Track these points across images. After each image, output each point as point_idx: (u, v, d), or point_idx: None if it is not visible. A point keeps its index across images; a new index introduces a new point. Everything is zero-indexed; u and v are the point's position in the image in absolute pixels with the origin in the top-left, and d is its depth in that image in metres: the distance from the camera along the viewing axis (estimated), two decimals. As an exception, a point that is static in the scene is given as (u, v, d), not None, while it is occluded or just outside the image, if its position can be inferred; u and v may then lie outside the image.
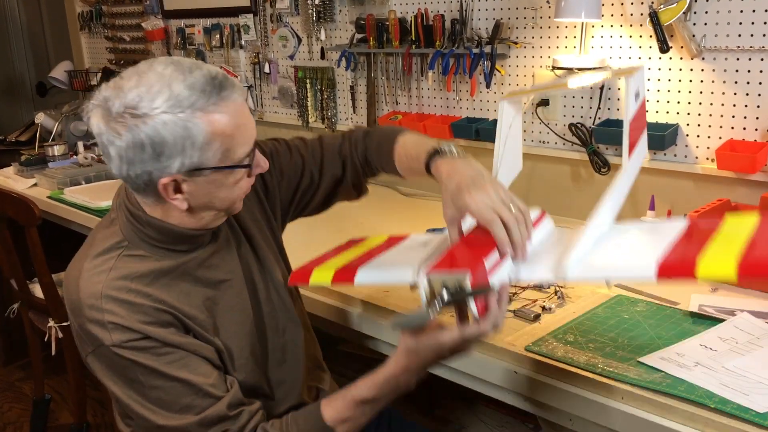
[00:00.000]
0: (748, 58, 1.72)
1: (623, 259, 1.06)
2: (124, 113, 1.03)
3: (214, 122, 1.05)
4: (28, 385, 2.99)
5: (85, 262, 1.14)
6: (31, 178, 2.83)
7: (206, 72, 1.07)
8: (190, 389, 1.12)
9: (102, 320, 1.09)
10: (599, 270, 1.05)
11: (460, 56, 2.23)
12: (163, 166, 1.06)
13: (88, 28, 4.02)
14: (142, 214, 1.15)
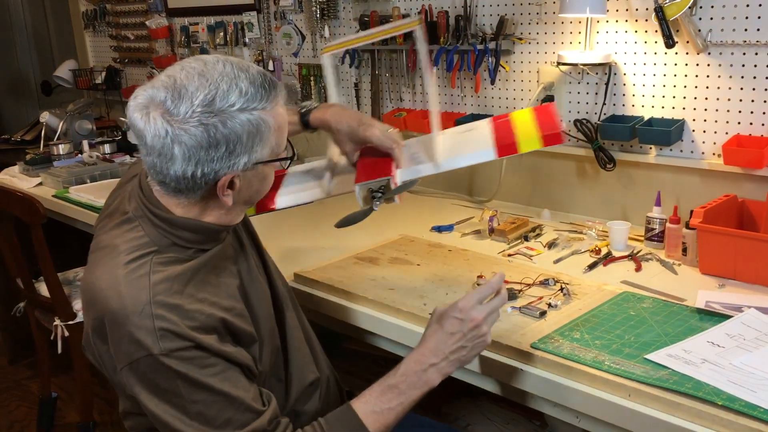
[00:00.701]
0: (755, 52, 1.70)
1: (471, 150, 1.48)
2: (196, 112, 1.04)
3: (276, 117, 1.11)
4: (35, 383, 3.00)
5: (118, 269, 1.09)
6: (36, 177, 2.84)
7: (258, 69, 1.12)
8: (231, 403, 1.09)
9: (152, 327, 1.05)
10: (460, 161, 1.47)
11: (464, 52, 2.22)
12: (231, 164, 1.08)
13: (92, 26, 4.02)
14: (172, 217, 1.14)
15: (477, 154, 1.47)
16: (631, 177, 2.00)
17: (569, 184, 2.15)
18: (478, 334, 1.19)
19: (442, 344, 1.19)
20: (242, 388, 1.12)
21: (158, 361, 1.05)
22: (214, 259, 1.18)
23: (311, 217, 2.08)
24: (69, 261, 2.75)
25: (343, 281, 1.62)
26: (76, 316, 2.34)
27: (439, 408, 2.54)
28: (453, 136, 1.57)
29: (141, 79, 3.78)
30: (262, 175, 1.16)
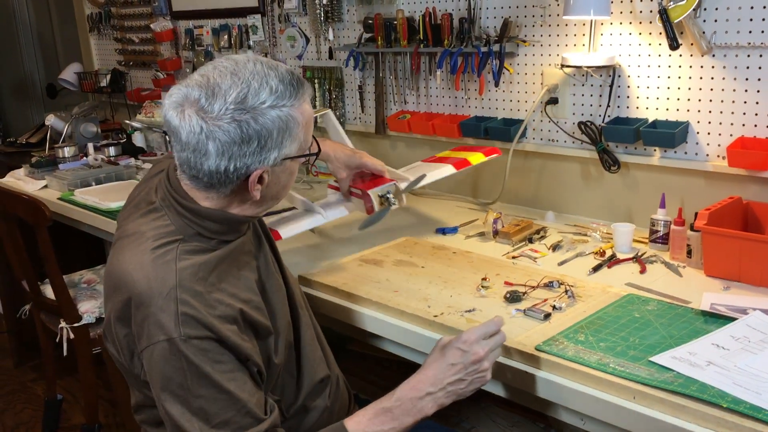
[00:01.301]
0: (759, 54, 1.70)
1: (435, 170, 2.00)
2: (229, 109, 1.08)
3: (304, 113, 1.16)
4: (41, 385, 3.01)
5: (146, 254, 1.13)
6: (42, 179, 2.84)
7: (286, 68, 1.17)
8: (233, 404, 1.11)
9: (175, 311, 1.08)
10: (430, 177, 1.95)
11: (468, 55, 2.22)
12: (262, 159, 1.12)
13: (97, 29, 4.03)
14: (198, 207, 1.18)
15: (440, 171, 2.00)
16: (636, 179, 1.99)
17: (573, 186, 2.15)
18: (479, 369, 1.21)
19: (441, 374, 1.20)
20: (247, 392, 1.13)
21: (175, 347, 1.08)
22: (235, 251, 1.22)
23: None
24: (74, 263, 2.77)
25: (348, 283, 1.63)
26: (81, 318, 2.35)
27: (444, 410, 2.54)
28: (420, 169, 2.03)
29: (146, 81, 3.79)
30: (290, 170, 1.21)
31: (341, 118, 2.77)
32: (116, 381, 1.49)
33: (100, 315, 2.37)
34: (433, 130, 2.38)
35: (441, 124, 2.36)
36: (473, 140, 2.31)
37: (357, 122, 2.73)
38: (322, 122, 2.09)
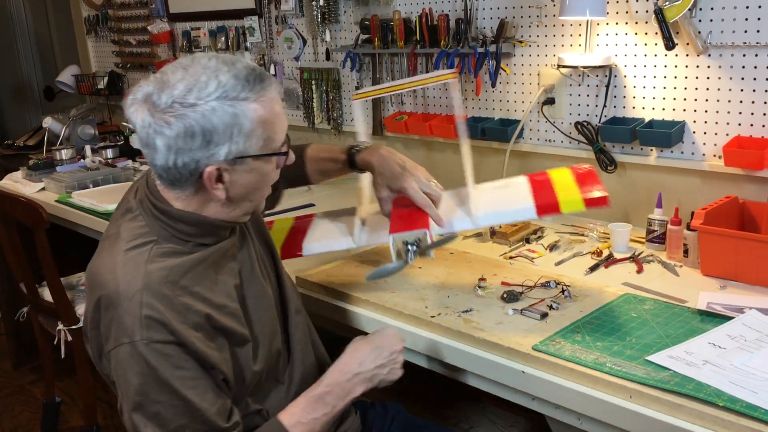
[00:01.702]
0: (755, 54, 1.71)
1: (510, 207, 1.48)
2: (174, 104, 1.07)
3: (258, 109, 1.11)
4: (39, 388, 3.00)
5: (119, 255, 1.14)
6: (39, 182, 2.85)
7: (247, 64, 1.13)
8: (189, 412, 1.11)
9: (139, 314, 1.08)
10: (498, 218, 1.54)
11: (465, 56, 2.23)
12: (211, 154, 1.09)
13: (94, 32, 4.04)
14: (171, 209, 1.17)
15: (517, 211, 1.46)
16: (632, 179, 2.00)
17: (570, 186, 2.14)
18: (397, 359, 1.32)
19: (367, 356, 1.29)
20: (208, 401, 1.13)
21: (136, 350, 1.08)
22: (214, 255, 1.20)
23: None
24: (72, 266, 2.76)
25: (345, 284, 1.63)
26: (79, 320, 2.34)
27: (442, 410, 2.54)
28: (490, 191, 1.57)
29: (143, 83, 3.79)
30: (257, 170, 1.15)
31: (338, 119, 2.78)
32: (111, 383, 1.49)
33: (98, 317, 2.37)
34: (431, 130, 2.38)
35: (438, 124, 2.36)
36: (470, 141, 2.31)
37: (354, 123, 2.73)
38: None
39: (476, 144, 2.31)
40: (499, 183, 1.61)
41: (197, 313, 1.13)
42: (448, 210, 1.50)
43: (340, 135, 2.81)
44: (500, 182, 1.61)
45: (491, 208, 1.49)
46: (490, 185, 1.60)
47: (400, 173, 1.45)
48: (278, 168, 1.21)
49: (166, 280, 1.11)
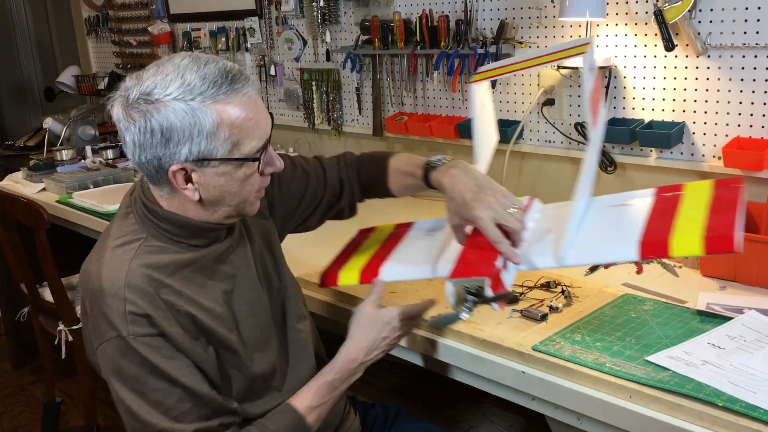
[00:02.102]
0: (754, 55, 1.71)
1: (608, 242, 1.20)
2: (139, 100, 1.07)
3: (222, 112, 1.08)
4: (39, 388, 3.01)
5: (106, 252, 1.15)
6: (40, 182, 2.85)
7: (221, 65, 1.10)
8: (190, 397, 1.12)
9: (123, 310, 1.09)
10: (590, 256, 1.22)
11: (465, 56, 2.23)
12: (171, 153, 1.08)
13: (94, 32, 4.04)
14: (158, 209, 1.17)
15: (614, 251, 1.17)
16: (632, 179, 2.00)
17: (570, 187, 2.13)
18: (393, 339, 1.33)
19: (375, 345, 1.30)
20: (205, 387, 1.15)
21: (126, 344, 1.09)
22: (205, 259, 1.20)
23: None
24: (72, 266, 2.75)
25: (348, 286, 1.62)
26: (79, 321, 2.35)
27: (442, 410, 2.55)
28: (598, 212, 1.27)
29: (143, 84, 3.79)
30: (230, 175, 1.13)
31: (338, 120, 2.78)
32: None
33: (98, 317, 2.38)
34: (431, 131, 2.38)
35: (438, 125, 2.36)
36: (470, 141, 2.31)
37: (355, 124, 2.74)
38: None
39: (476, 145, 2.31)
40: (618, 198, 1.30)
41: (180, 312, 1.13)
42: (535, 238, 1.25)
43: (341, 136, 2.81)
44: (620, 197, 1.30)
45: (587, 241, 1.20)
46: (606, 200, 1.30)
47: (471, 200, 1.23)
48: (263, 174, 1.17)
49: (149, 278, 1.12)
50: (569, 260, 1.19)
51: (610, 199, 1.30)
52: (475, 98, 1.41)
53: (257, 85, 1.15)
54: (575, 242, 1.20)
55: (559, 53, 1.30)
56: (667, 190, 1.24)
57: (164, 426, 1.11)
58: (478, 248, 1.22)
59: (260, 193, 1.21)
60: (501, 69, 1.47)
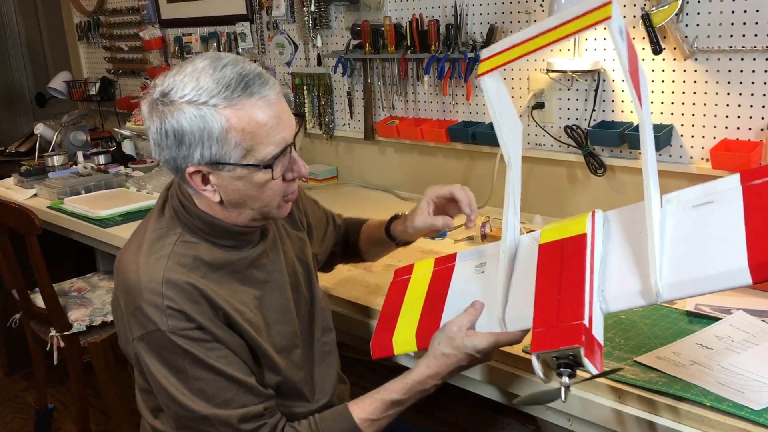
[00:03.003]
0: (741, 58, 1.73)
1: (710, 266, 0.94)
2: (158, 99, 1.09)
3: (231, 117, 1.07)
4: (31, 395, 3.00)
5: (144, 246, 1.17)
6: (31, 188, 2.85)
7: (240, 69, 1.09)
8: (232, 384, 1.15)
9: (161, 305, 1.11)
10: (691, 288, 0.95)
11: (455, 60, 2.24)
12: (185, 155, 1.10)
13: (86, 38, 4.03)
14: (191, 206, 1.19)
15: (722, 275, 0.92)
16: (622, 182, 2.02)
17: (560, 189, 2.17)
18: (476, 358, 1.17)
19: (443, 366, 1.18)
20: (245, 374, 1.17)
21: (166, 337, 1.11)
22: (238, 263, 1.21)
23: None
24: (64, 272, 2.76)
25: (336, 288, 1.64)
26: (71, 326, 2.35)
27: (435, 413, 2.55)
28: (683, 216, 1.03)
29: (135, 89, 3.79)
30: (247, 179, 1.12)
31: (330, 124, 2.79)
32: (107, 389, 1.49)
33: (90, 323, 2.38)
34: (422, 135, 2.39)
35: (429, 129, 2.37)
36: (461, 145, 2.33)
37: (346, 128, 2.75)
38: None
39: (467, 148, 2.32)
40: (697, 193, 1.05)
41: (216, 307, 1.15)
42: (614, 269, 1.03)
43: (332, 140, 2.82)
44: (699, 191, 1.05)
45: (682, 267, 0.96)
46: (684, 197, 1.06)
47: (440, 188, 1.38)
48: (286, 180, 1.16)
49: (186, 275, 1.13)
50: (665, 296, 0.97)
51: (688, 196, 1.06)
52: (489, 91, 1.18)
53: (278, 89, 1.12)
54: (667, 269, 0.97)
55: (575, 21, 1.01)
56: (755, 175, 0.98)
57: (208, 413, 1.13)
58: (551, 293, 1.02)
59: (291, 196, 1.20)
60: (510, 52, 1.17)
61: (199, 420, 1.14)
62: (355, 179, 2.77)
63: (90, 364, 2.38)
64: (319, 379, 1.35)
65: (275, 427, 1.18)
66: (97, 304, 2.48)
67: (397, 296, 1.35)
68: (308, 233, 1.45)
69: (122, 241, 2.25)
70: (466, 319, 1.16)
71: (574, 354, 0.94)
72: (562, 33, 1.03)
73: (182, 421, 1.17)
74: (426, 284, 1.34)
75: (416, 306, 1.29)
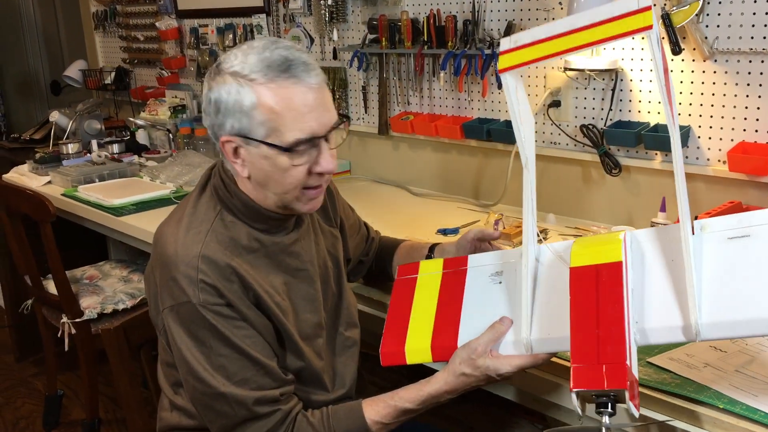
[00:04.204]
0: (761, 60, 1.71)
1: (751, 308, 0.92)
2: (213, 69, 1.17)
3: (264, 94, 1.11)
4: (41, 380, 3.02)
5: (184, 220, 1.21)
6: (46, 175, 2.86)
7: (288, 53, 1.13)
8: (253, 365, 1.17)
9: (195, 278, 1.14)
10: (733, 330, 0.94)
11: (471, 57, 2.24)
12: (220, 123, 1.15)
13: (102, 27, 4.05)
14: (232, 185, 1.22)
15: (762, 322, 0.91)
16: (637, 182, 2.01)
17: (575, 188, 2.16)
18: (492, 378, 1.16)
19: (458, 383, 1.17)
20: (267, 356, 1.19)
21: (196, 310, 1.14)
22: (273, 247, 1.24)
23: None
24: (77, 259, 2.78)
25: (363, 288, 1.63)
26: (83, 313, 2.36)
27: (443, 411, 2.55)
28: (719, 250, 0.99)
29: (150, 80, 3.81)
30: (272, 160, 1.14)
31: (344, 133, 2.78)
32: (119, 377, 1.50)
33: (101, 311, 2.39)
34: (436, 131, 2.39)
35: (444, 125, 2.37)
36: (476, 142, 2.32)
37: (360, 123, 2.74)
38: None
39: (482, 145, 2.32)
40: (731, 224, 1.01)
41: (248, 287, 1.17)
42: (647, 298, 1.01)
43: (346, 134, 2.81)
44: (733, 222, 1.01)
45: (721, 305, 0.94)
46: (718, 226, 1.02)
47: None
48: (309, 171, 1.16)
49: (221, 252, 1.17)
50: (705, 335, 0.95)
51: (722, 225, 1.02)
52: (509, 88, 1.12)
53: (321, 79, 1.13)
54: (706, 307, 0.95)
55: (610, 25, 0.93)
56: None
57: (225, 390, 1.15)
58: (589, 326, 0.98)
59: (314, 192, 1.21)
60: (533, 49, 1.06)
61: (216, 397, 1.16)
62: (368, 174, 2.77)
63: (101, 351, 2.40)
64: (340, 370, 1.36)
65: (288, 414, 1.19)
66: (108, 292, 2.50)
67: (404, 297, 1.31)
68: (341, 233, 1.47)
69: (135, 230, 2.26)
70: (491, 336, 1.14)
71: (616, 395, 0.92)
72: (593, 37, 0.97)
73: (199, 398, 1.18)
74: (437, 288, 1.30)
75: (428, 312, 1.26)
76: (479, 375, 1.14)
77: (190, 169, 2.71)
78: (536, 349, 1.10)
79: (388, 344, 1.24)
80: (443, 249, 1.52)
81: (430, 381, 1.20)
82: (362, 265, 1.61)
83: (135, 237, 2.29)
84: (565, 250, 1.15)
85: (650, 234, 1.09)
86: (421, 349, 1.21)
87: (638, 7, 0.91)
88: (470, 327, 1.18)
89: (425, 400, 1.20)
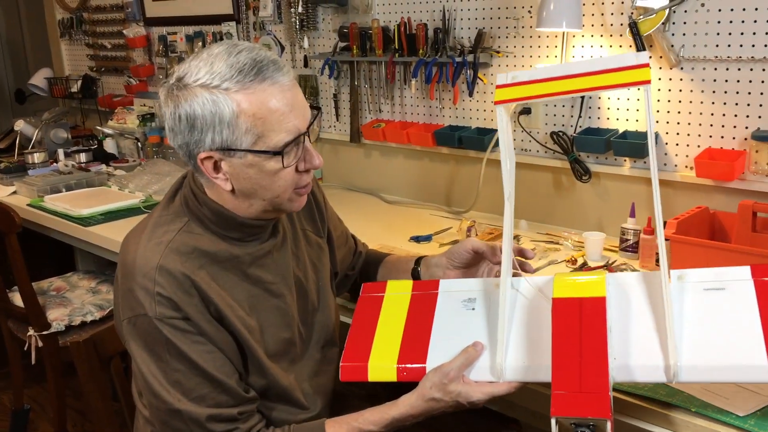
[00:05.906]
0: (726, 67, 1.75)
1: (730, 358, 0.99)
2: (173, 85, 1.10)
3: (242, 101, 1.07)
4: (7, 395, 2.95)
5: (147, 229, 1.17)
6: (11, 185, 2.81)
7: (255, 55, 1.09)
8: (209, 382, 1.13)
9: (152, 290, 1.10)
10: (712, 375, 1.00)
11: (443, 65, 2.25)
12: (197, 140, 1.10)
13: (68, 35, 3.99)
14: (201, 194, 1.18)
15: (743, 368, 0.98)
16: (606, 188, 2.03)
17: (546, 195, 2.17)
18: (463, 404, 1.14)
19: (429, 406, 1.15)
20: (225, 373, 1.14)
21: (152, 323, 1.10)
22: (242, 258, 1.20)
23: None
24: (43, 271, 2.72)
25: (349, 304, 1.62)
26: (50, 326, 2.31)
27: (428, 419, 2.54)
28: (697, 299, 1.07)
29: (117, 88, 3.76)
30: (259, 167, 1.11)
31: (316, 126, 2.78)
32: (89, 390, 1.47)
33: (69, 323, 2.34)
34: (408, 138, 2.39)
35: (415, 132, 2.37)
36: (447, 149, 2.33)
37: (332, 130, 2.74)
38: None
39: (453, 152, 2.32)
40: (707, 276, 1.09)
41: (209, 301, 1.13)
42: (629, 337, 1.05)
43: (318, 142, 2.81)
44: (710, 274, 1.09)
45: (700, 352, 1.00)
46: (695, 278, 1.09)
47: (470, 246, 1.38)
48: (298, 171, 1.15)
49: (182, 264, 1.12)
50: (683, 378, 1.01)
51: (699, 277, 1.09)
52: (502, 121, 1.18)
53: (291, 77, 1.11)
54: (686, 350, 1.02)
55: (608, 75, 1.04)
56: (765, 271, 1.04)
57: (180, 407, 1.12)
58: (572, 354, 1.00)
59: (304, 189, 1.19)
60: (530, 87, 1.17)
61: (172, 413, 1.12)
62: (340, 182, 2.77)
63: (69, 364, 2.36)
64: (313, 389, 1.31)
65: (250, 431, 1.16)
66: (76, 304, 2.45)
67: (369, 314, 1.28)
68: (328, 244, 1.43)
69: (103, 240, 2.23)
70: (464, 361, 1.13)
71: (596, 424, 0.94)
72: (589, 84, 1.06)
73: (155, 413, 1.15)
74: (404, 308, 1.27)
75: (394, 332, 1.23)
76: (449, 400, 1.12)
77: (159, 178, 2.68)
78: (509, 376, 1.10)
79: (350, 359, 1.22)
80: (429, 261, 1.45)
81: (396, 404, 1.16)
82: (348, 279, 1.55)
83: (103, 247, 2.25)
84: (545, 283, 1.17)
85: (635, 278, 1.13)
86: (385, 367, 1.19)
87: (636, 63, 1.01)
88: (440, 350, 1.17)
89: (389, 423, 1.17)
